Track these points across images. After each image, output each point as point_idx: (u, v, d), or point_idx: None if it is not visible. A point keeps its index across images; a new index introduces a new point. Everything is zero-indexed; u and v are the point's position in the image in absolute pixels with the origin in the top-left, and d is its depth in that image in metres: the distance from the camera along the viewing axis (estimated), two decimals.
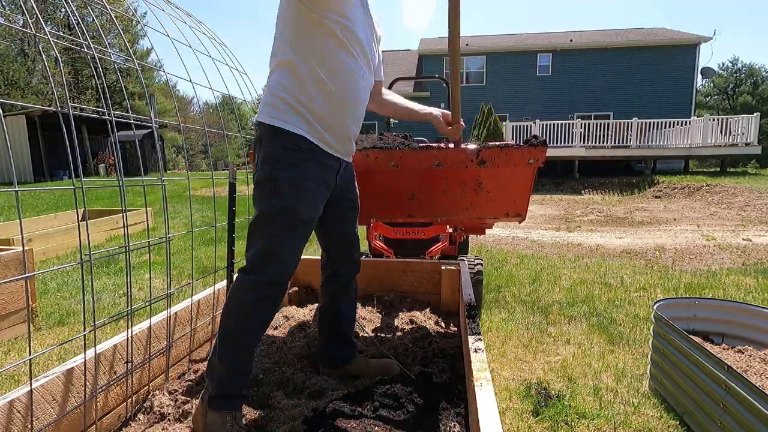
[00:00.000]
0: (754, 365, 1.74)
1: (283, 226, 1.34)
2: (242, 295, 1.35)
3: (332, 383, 1.61)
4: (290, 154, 1.34)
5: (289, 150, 1.34)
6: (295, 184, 1.34)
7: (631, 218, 7.89)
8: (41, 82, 26.57)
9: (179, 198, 9.91)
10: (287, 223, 1.34)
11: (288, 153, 1.34)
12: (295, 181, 1.34)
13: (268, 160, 1.35)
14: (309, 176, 1.36)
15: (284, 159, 1.34)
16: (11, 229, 4.68)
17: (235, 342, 1.35)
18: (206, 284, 2.31)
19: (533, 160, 1.77)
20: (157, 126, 1.56)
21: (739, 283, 3.51)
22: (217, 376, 1.34)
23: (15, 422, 1.09)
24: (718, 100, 38.92)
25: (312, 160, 1.37)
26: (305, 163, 1.36)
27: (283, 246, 1.35)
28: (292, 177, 1.34)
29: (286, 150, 1.34)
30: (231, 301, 1.38)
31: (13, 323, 2.49)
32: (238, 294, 1.36)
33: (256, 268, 1.35)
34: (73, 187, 1.20)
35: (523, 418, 1.68)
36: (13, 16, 19.59)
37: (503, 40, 21.85)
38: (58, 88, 17.66)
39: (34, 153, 15.95)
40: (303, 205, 1.36)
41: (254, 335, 1.38)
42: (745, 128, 13.76)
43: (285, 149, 1.34)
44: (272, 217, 1.34)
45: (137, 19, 1.64)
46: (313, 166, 1.38)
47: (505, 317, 2.76)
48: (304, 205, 1.36)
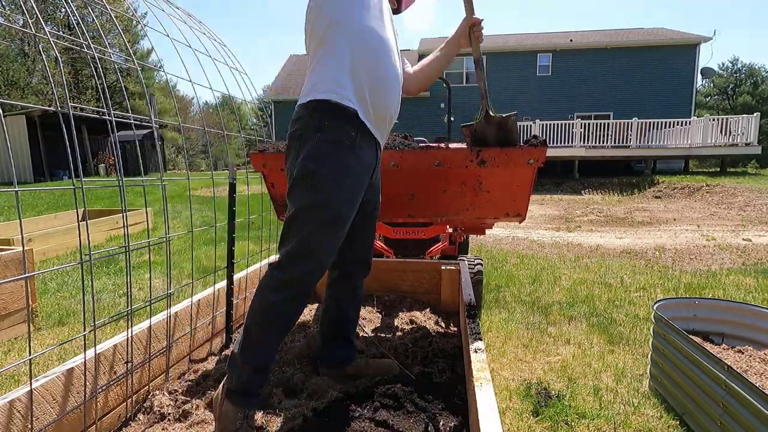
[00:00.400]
0: (754, 365, 1.73)
1: (321, 222, 1.30)
2: (269, 292, 1.32)
3: (332, 383, 1.61)
4: (333, 149, 1.30)
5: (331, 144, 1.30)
6: (338, 181, 1.30)
7: (631, 218, 7.89)
8: (41, 82, 26.57)
9: (179, 198, 9.91)
10: (326, 219, 1.30)
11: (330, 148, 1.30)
12: (335, 177, 1.30)
13: (310, 155, 1.31)
14: (351, 171, 1.33)
15: (328, 154, 1.30)
16: (11, 229, 4.68)
17: (257, 340, 1.32)
18: (206, 284, 2.31)
19: (533, 160, 1.77)
20: (157, 126, 1.56)
21: (739, 283, 3.51)
22: (237, 370, 1.32)
23: (15, 422, 1.09)
24: (718, 100, 38.92)
25: (355, 157, 1.34)
26: (349, 160, 1.33)
27: (319, 244, 1.31)
28: (333, 173, 1.30)
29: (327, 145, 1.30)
30: (257, 297, 1.34)
31: (13, 323, 2.49)
32: (264, 291, 1.33)
33: (287, 266, 1.30)
34: (73, 187, 1.20)
35: (523, 418, 1.68)
36: (13, 16, 19.59)
37: (503, 40, 21.85)
38: (58, 88, 17.66)
39: (34, 153, 15.96)
40: (344, 202, 1.32)
41: (279, 334, 1.35)
42: (745, 128, 13.76)
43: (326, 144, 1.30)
44: (311, 213, 1.30)
45: (137, 19, 1.64)
46: (354, 161, 1.34)
47: (505, 317, 2.76)
48: (345, 202, 1.33)
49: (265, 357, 1.34)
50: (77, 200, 1.20)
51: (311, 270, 1.31)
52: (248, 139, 3.66)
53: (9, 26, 5.06)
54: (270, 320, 1.32)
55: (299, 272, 1.30)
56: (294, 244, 1.30)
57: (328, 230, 1.31)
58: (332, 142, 1.31)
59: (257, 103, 2.28)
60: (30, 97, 25.36)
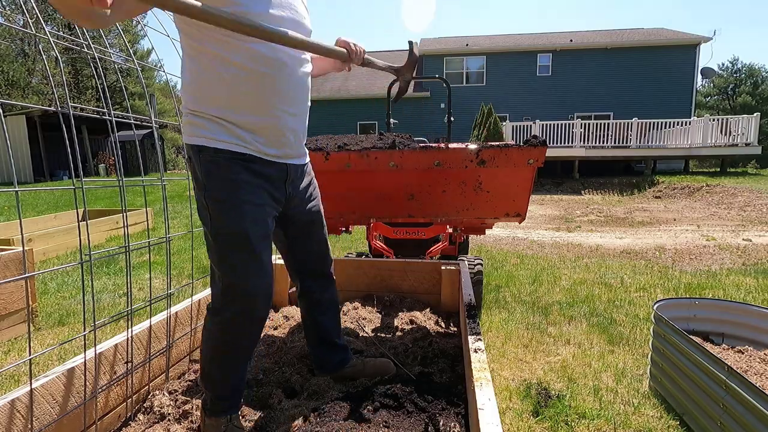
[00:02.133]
0: (754, 365, 1.73)
1: (236, 251, 1.22)
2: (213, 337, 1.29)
3: (332, 383, 1.61)
4: (221, 171, 1.20)
5: (218, 165, 1.20)
6: (234, 202, 1.21)
7: (631, 218, 7.89)
8: (41, 82, 26.58)
9: (179, 198, 9.91)
10: (241, 244, 1.22)
11: (218, 170, 1.20)
12: (234, 199, 1.21)
13: (200, 182, 1.22)
14: (248, 190, 1.23)
15: (216, 177, 1.20)
16: (11, 229, 4.68)
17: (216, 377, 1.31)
18: (206, 284, 2.31)
19: (533, 160, 1.77)
20: (157, 126, 1.56)
21: (739, 283, 3.51)
22: (209, 389, 1.32)
23: (15, 422, 1.09)
24: (718, 100, 38.91)
25: (247, 171, 1.23)
26: (240, 176, 1.21)
27: (243, 274, 1.23)
28: (230, 196, 1.21)
29: (215, 166, 1.20)
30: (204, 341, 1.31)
31: (13, 323, 2.49)
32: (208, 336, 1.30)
33: (222, 306, 1.26)
34: (73, 187, 1.20)
35: (523, 418, 1.68)
36: (14, 16, 19.60)
37: (503, 40, 21.84)
38: (59, 88, 17.66)
39: (34, 153, 15.96)
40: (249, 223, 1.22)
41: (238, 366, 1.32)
42: (745, 128, 13.75)
43: (214, 164, 1.20)
44: (222, 243, 1.23)
45: (137, 20, 1.64)
46: (251, 178, 1.23)
47: (505, 317, 2.76)
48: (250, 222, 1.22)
49: (232, 385, 1.32)
50: (77, 200, 1.20)
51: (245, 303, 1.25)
52: None
53: (9, 26, 5.06)
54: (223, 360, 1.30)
55: (235, 310, 1.25)
56: (223, 280, 1.24)
57: (245, 258, 1.23)
58: (213, 161, 1.20)
59: None
60: (30, 97, 25.36)
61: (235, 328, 1.27)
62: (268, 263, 1.30)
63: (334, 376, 1.66)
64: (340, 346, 1.67)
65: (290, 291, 2.55)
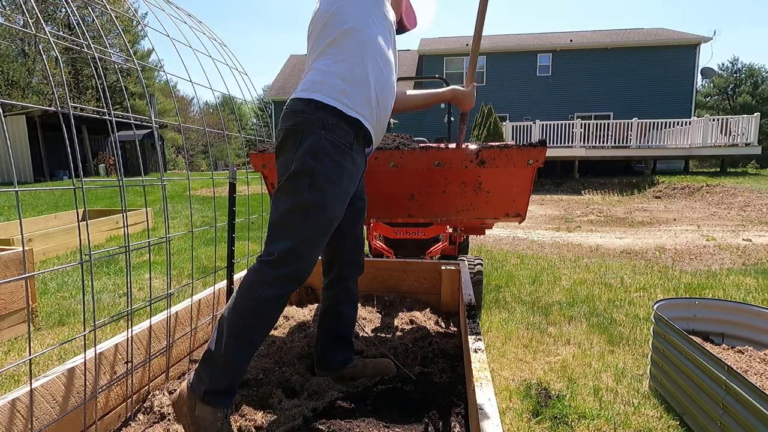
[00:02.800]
0: (754, 365, 1.74)
1: (318, 222, 1.30)
2: (262, 289, 1.27)
3: (332, 383, 1.61)
4: (335, 149, 1.31)
5: (332, 144, 1.31)
6: (335, 182, 1.31)
7: (631, 218, 7.89)
8: (42, 82, 26.59)
9: (179, 198, 9.92)
10: (322, 219, 1.31)
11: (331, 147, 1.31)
12: (336, 179, 1.31)
13: (311, 152, 1.29)
14: (347, 176, 1.35)
15: (329, 153, 1.30)
16: (11, 229, 4.69)
17: (244, 339, 1.27)
18: (206, 284, 2.32)
19: (533, 161, 1.77)
20: (157, 126, 1.57)
21: (739, 283, 3.51)
22: (216, 372, 1.26)
23: (15, 422, 1.09)
24: (718, 100, 38.92)
25: (351, 159, 1.36)
26: (346, 162, 1.34)
27: (314, 243, 1.31)
28: (332, 173, 1.30)
29: (332, 145, 1.31)
30: (246, 296, 1.29)
31: (13, 323, 2.49)
32: (254, 288, 1.28)
33: (281, 263, 1.27)
34: (73, 187, 1.20)
35: (523, 418, 1.68)
36: (14, 16, 19.60)
37: (503, 40, 21.85)
38: (59, 88, 17.67)
39: (35, 153, 15.96)
40: (338, 204, 1.34)
41: (265, 332, 1.33)
42: (745, 128, 13.76)
43: (328, 143, 1.30)
44: (307, 212, 1.29)
45: (138, 20, 1.64)
46: (351, 166, 1.36)
47: (505, 317, 2.76)
48: (339, 204, 1.34)
49: (247, 356, 1.31)
50: (77, 200, 1.20)
51: (304, 268, 1.31)
52: (248, 139, 3.66)
53: (9, 26, 5.08)
54: (261, 317, 1.28)
55: (292, 270, 1.29)
56: (288, 242, 1.28)
57: (322, 231, 1.33)
58: (333, 142, 1.31)
59: (257, 103, 2.29)
60: (31, 97, 25.37)
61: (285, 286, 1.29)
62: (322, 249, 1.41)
63: (334, 375, 1.65)
64: (349, 343, 1.69)
65: None
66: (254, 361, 1.79)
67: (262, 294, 1.27)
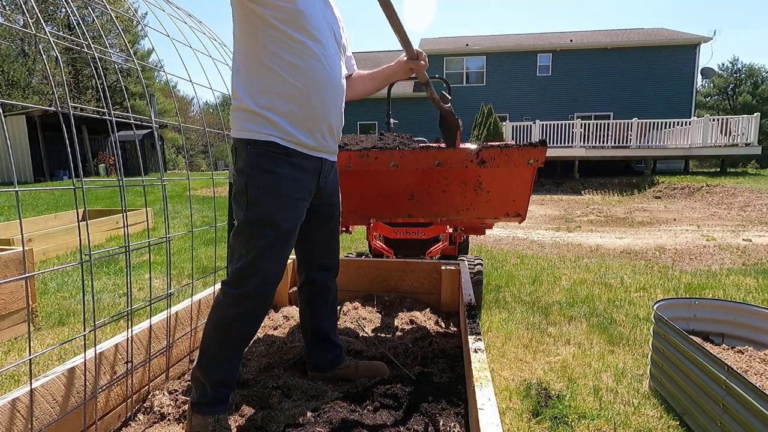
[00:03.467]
0: (754, 365, 1.73)
1: (264, 238, 1.29)
2: (224, 309, 1.32)
3: (332, 383, 1.61)
4: (265, 161, 1.29)
5: (264, 157, 1.29)
6: (273, 193, 1.29)
7: (631, 218, 7.89)
8: (42, 82, 26.59)
9: (179, 198, 9.91)
10: (269, 234, 1.29)
11: (262, 160, 1.29)
12: (273, 189, 1.29)
13: (243, 170, 1.30)
14: (287, 183, 1.31)
15: (259, 166, 1.29)
16: (11, 229, 4.68)
17: (216, 356, 1.33)
18: (206, 284, 2.32)
19: (533, 161, 1.77)
20: (157, 126, 1.56)
21: (739, 283, 3.51)
22: (200, 385, 1.33)
23: (15, 422, 1.09)
24: (718, 100, 38.92)
25: (289, 165, 1.31)
26: (282, 169, 1.30)
27: (266, 259, 1.30)
28: (269, 186, 1.29)
29: (260, 157, 1.29)
30: (213, 314, 1.35)
31: (13, 323, 2.49)
32: (219, 308, 1.33)
33: (238, 282, 1.30)
34: (73, 187, 1.20)
35: (523, 419, 1.68)
36: (14, 16, 19.60)
37: (503, 40, 21.85)
38: (59, 88, 17.68)
39: (35, 153, 15.96)
40: (283, 214, 1.31)
41: (237, 349, 1.36)
42: (745, 128, 13.76)
43: (259, 156, 1.29)
44: (253, 229, 1.29)
45: (138, 20, 1.64)
46: (291, 171, 1.32)
47: (505, 317, 2.76)
48: (284, 214, 1.31)
49: (226, 371, 1.35)
50: (77, 200, 1.20)
51: (262, 284, 1.32)
52: None
53: (9, 26, 5.07)
54: (227, 336, 1.33)
55: (250, 288, 1.30)
56: (241, 261, 1.30)
57: (273, 244, 1.30)
58: (260, 153, 1.29)
59: None
60: (31, 97, 25.38)
61: (244, 306, 1.32)
62: (287, 257, 1.37)
63: (326, 376, 1.65)
64: (335, 344, 1.67)
65: (290, 291, 2.55)
66: (254, 361, 1.79)
67: (226, 313, 1.32)
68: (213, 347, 1.33)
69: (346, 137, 2.24)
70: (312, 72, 1.30)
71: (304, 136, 1.33)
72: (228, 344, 1.34)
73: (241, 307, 1.31)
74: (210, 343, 1.34)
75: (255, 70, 1.28)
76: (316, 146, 1.37)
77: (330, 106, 1.38)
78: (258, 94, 1.28)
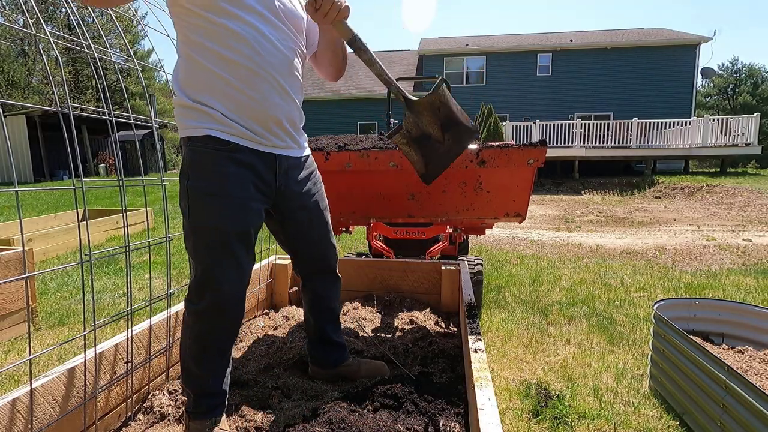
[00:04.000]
0: (754, 365, 1.73)
1: (212, 246, 1.18)
2: (190, 326, 1.26)
3: (332, 383, 1.61)
4: (206, 158, 1.16)
5: (204, 154, 1.16)
6: (216, 194, 1.17)
7: (631, 218, 7.89)
8: (42, 82, 26.60)
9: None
10: (218, 241, 1.18)
11: (203, 157, 1.16)
12: (215, 190, 1.17)
13: (184, 171, 1.19)
14: (232, 182, 1.18)
15: (199, 165, 1.17)
16: (11, 229, 4.68)
17: (195, 371, 1.28)
18: None
19: (533, 161, 1.77)
20: (157, 126, 1.56)
21: (739, 283, 3.51)
22: (191, 397, 1.30)
23: (15, 422, 1.09)
24: (718, 100, 38.92)
25: (233, 162, 1.18)
26: (225, 167, 1.17)
27: (217, 269, 1.19)
28: (212, 189, 1.17)
29: (200, 155, 1.17)
30: (183, 331, 1.29)
31: (13, 323, 2.49)
32: (185, 325, 1.28)
33: (195, 296, 1.23)
34: (73, 187, 1.20)
35: (523, 419, 1.68)
36: (14, 16, 19.61)
37: (503, 40, 21.85)
38: (59, 88, 17.69)
39: (35, 153, 15.97)
40: (230, 218, 1.18)
41: (216, 362, 1.29)
42: (745, 128, 13.76)
43: (199, 154, 1.17)
44: (199, 237, 1.19)
45: (138, 20, 1.64)
46: (235, 168, 1.18)
47: (505, 317, 2.76)
48: (231, 218, 1.18)
49: (210, 385, 1.29)
50: (77, 200, 1.20)
51: (218, 298, 1.21)
52: None
53: (9, 26, 5.07)
54: (202, 350, 1.26)
55: (208, 303, 1.21)
56: (196, 273, 1.21)
57: (222, 254, 1.19)
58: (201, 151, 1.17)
59: None
60: (31, 97, 25.38)
61: (208, 321, 1.24)
62: (246, 263, 1.25)
63: (329, 373, 1.64)
64: (338, 344, 1.66)
65: (290, 291, 2.55)
66: (254, 362, 1.79)
67: (193, 330, 1.26)
68: (190, 363, 1.27)
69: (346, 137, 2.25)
70: (241, 60, 1.14)
71: (246, 129, 1.19)
72: (204, 358, 1.27)
73: (205, 322, 1.23)
74: (186, 359, 1.28)
75: (184, 63, 1.17)
76: (262, 141, 1.23)
77: (270, 97, 1.21)
78: (190, 88, 1.17)
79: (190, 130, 1.18)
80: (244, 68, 1.16)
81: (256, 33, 1.15)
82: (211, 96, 1.16)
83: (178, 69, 1.20)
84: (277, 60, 1.20)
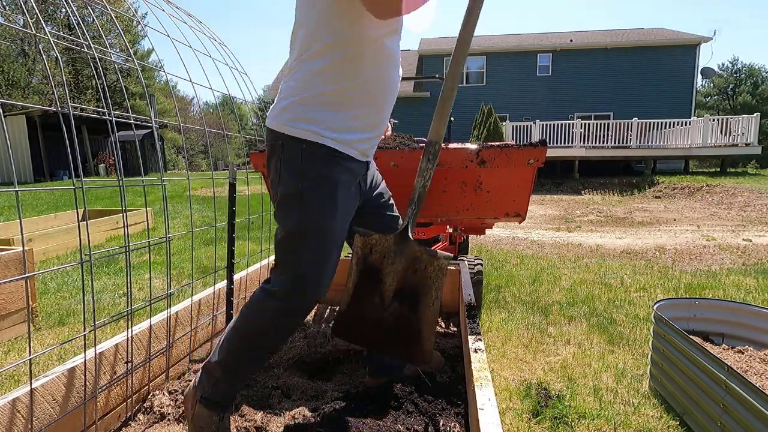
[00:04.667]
0: (754, 365, 1.73)
1: (318, 247, 1.19)
2: (264, 320, 1.23)
3: (332, 383, 1.61)
4: (321, 167, 1.18)
5: (319, 161, 1.17)
6: (328, 198, 1.19)
7: (631, 218, 7.89)
8: (42, 82, 26.60)
9: (179, 198, 9.91)
10: (323, 243, 1.20)
11: (318, 166, 1.17)
12: (327, 195, 1.19)
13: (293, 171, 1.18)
14: (344, 190, 1.21)
15: (316, 172, 1.17)
16: (11, 229, 4.68)
17: (246, 360, 1.26)
18: (206, 284, 2.32)
19: (533, 160, 1.77)
20: (157, 126, 1.56)
21: (739, 283, 3.51)
22: (214, 382, 1.26)
23: (15, 422, 1.09)
24: (718, 100, 38.93)
25: (344, 169, 1.21)
26: (339, 176, 1.19)
27: (320, 270, 1.21)
28: (323, 191, 1.19)
29: (316, 162, 1.17)
30: (247, 322, 1.24)
31: (13, 323, 2.49)
32: (258, 317, 1.23)
33: (287, 295, 1.20)
34: (73, 187, 1.20)
35: (523, 419, 1.68)
36: (14, 16, 19.61)
37: (503, 40, 21.85)
38: (59, 88, 17.69)
39: (35, 153, 15.97)
40: (337, 222, 1.22)
41: (264, 359, 1.30)
42: (745, 128, 13.76)
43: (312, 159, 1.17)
44: (304, 237, 1.19)
45: (138, 20, 1.64)
46: (346, 177, 1.21)
47: (505, 317, 2.76)
48: (338, 222, 1.22)
49: (249, 375, 1.30)
50: (77, 200, 1.20)
51: (311, 297, 1.23)
52: (248, 139, 3.66)
53: (9, 26, 5.06)
54: (260, 346, 1.25)
55: (298, 302, 1.22)
56: (290, 274, 1.21)
57: (327, 254, 1.22)
58: (320, 159, 1.18)
59: (257, 103, 2.28)
60: (31, 97, 25.39)
61: (291, 319, 1.24)
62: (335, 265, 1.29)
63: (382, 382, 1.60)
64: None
65: None
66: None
67: (264, 324, 1.23)
68: (241, 355, 1.24)
69: None
70: (388, 77, 1.20)
71: (362, 142, 1.23)
72: (257, 353, 1.26)
73: (284, 319, 1.23)
74: (238, 350, 1.24)
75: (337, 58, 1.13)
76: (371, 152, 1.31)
77: (386, 120, 1.29)
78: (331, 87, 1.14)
79: (311, 135, 1.16)
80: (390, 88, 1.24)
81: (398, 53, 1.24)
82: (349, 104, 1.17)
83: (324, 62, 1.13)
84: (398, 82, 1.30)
